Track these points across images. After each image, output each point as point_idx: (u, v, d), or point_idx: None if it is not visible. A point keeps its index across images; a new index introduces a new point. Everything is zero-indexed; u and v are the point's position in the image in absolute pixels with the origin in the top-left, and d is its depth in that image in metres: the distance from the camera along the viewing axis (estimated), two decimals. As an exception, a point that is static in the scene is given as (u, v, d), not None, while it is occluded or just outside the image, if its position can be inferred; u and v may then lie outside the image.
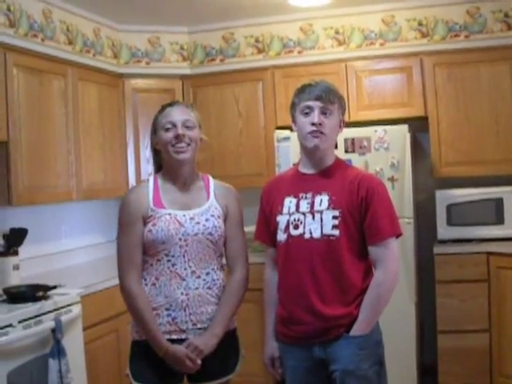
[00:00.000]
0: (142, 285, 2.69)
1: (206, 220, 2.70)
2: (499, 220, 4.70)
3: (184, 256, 2.67)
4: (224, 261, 2.83)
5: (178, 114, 2.73)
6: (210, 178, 2.87)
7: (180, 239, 2.66)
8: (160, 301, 2.66)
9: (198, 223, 2.69)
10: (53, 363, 3.26)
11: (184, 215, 2.69)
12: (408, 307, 4.57)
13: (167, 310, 2.66)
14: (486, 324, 4.49)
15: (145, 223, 2.69)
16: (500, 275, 4.45)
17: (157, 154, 2.82)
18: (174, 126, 2.71)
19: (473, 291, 4.51)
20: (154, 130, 2.79)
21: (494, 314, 4.47)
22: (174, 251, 2.66)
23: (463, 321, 4.53)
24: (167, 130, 2.72)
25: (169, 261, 2.67)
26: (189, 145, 2.71)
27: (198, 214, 2.71)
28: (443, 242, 4.78)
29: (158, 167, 2.85)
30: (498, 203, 4.70)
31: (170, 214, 2.68)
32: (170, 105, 2.80)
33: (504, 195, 4.69)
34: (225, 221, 2.78)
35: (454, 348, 4.53)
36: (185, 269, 2.67)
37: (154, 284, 2.68)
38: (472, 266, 4.52)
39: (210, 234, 2.70)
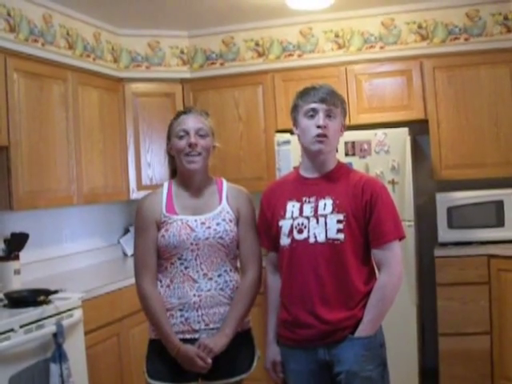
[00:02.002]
0: (156, 287, 2.76)
1: (217, 224, 2.75)
2: (500, 222, 4.70)
3: (196, 259, 2.73)
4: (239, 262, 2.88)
5: (191, 122, 2.78)
6: (224, 182, 2.91)
7: (191, 244, 2.72)
8: (174, 302, 2.73)
9: (209, 228, 2.74)
10: (54, 368, 3.26)
11: (195, 220, 2.75)
12: (409, 310, 4.58)
13: (180, 310, 2.73)
14: (487, 326, 4.49)
15: (158, 228, 2.76)
16: (501, 278, 4.46)
17: (172, 158, 2.87)
18: (187, 133, 2.76)
19: (474, 294, 4.52)
20: (169, 136, 2.84)
21: (495, 316, 4.47)
22: (186, 255, 2.73)
23: (464, 323, 4.53)
24: (180, 137, 2.77)
25: (181, 264, 2.74)
26: (200, 154, 2.76)
27: (209, 218, 2.76)
28: (444, 244, 4.79)
29: (173, 171, 2.90)
30: (499, 206, 4.70)
31: (181, 220, 2.74)
32: (185, 112, 2.85)
33: (504, 197, 4.69)
34: (237, 223, 2.81)
35: (455, 350, 4.53)
36: (197, 271, 2.73)
37: (168, 286, 2.75)
38: (473, 269, 4.52)
39: (221, 238, 2.74)
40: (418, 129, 5.05)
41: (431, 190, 5.11)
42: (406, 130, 4.65)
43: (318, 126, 2.62)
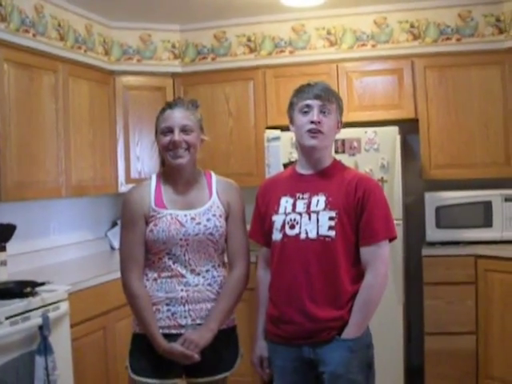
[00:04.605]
0: (143, 282, 2.72)
1: (208, 220, 2.71)
2: (487, 223, 4.72)
3: (185, 255, 2.69)
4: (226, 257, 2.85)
5: (176, 118, 2.71)
6: (213, 175, 2.87)
7: (181, 239, 2.67)
8: (160, 296, 2.70)
9: (199, 223, 2.70)
10: (39, 360, 3.25)
11: (185, 215, 2.70)
12: (395, 309, 4.58)
13: (167, 305, 2.69)
14: (473, 326, 4.51)
15: (146, 222, 2.71)
16: (487, 278, 4.48)
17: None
18: (171, 131, 2.69)
19: (460, 293, 4.53)
20: (156, 130, 2.78)
21: (481, 316, 4.49)
22: (174, 250, 2.68)
23: (450, 323, 4.54)
24: (165, 134, 2.71)
25: (170, 259, 2.70)
26: (186, 150, 2.70)
27: (199, 213, 2.72)
28: (431, 244, 4.80)
29: (164, 162, 2.82)
30: (487, 206, 4.72)
31: (171, 215, 2.69)
32: (171, 106, 2.76)
33: (492, 198, 4.71)
34: (227, 218, 2.78)
35: (441, 350, 4.54)
36: (185, 266, 2.69)
37: (155, 279, 2.72)
38: (460, 269, 4.54)
39: (211, 234, 2.71)
40: (408, 128, 5.06)
41: (420, 189, 5.12)
42: (396, 128, 4.66)
43: (312, 122, 2.62)
